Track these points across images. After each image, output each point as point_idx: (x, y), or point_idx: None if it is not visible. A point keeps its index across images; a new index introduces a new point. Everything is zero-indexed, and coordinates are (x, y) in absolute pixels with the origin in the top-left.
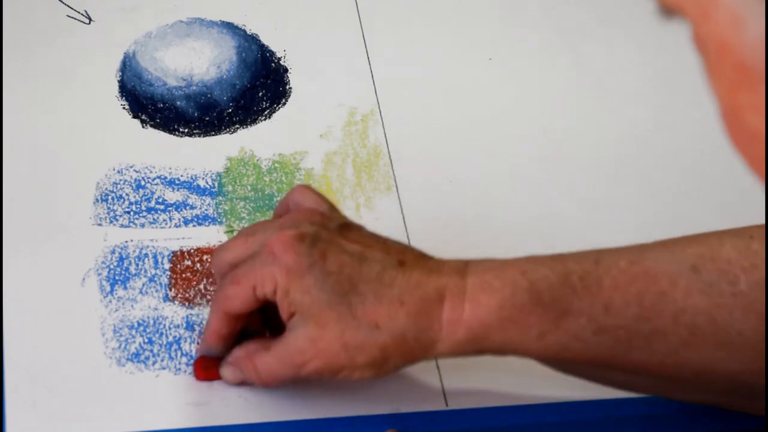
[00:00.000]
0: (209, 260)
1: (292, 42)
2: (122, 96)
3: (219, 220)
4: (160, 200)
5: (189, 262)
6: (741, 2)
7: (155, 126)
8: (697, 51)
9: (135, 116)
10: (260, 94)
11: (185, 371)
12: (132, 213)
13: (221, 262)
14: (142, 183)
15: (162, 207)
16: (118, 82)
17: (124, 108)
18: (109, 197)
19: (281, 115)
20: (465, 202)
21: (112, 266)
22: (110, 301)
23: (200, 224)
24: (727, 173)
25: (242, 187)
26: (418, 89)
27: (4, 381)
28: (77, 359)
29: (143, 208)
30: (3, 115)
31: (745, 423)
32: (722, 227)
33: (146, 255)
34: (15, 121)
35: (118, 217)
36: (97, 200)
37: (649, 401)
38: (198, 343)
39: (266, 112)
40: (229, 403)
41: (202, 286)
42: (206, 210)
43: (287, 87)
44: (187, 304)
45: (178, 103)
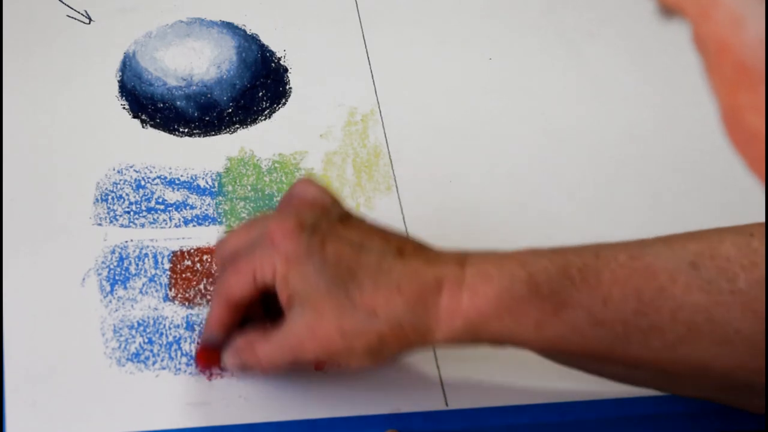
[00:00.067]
0: (209, 260)
1: (292, 42)
2: (122, 96)
3: (219, 220)
4: (160, 200)
5: (189, 262)
6: (741, 2)
7: (155, 126)
8: (697, 51)
9: (135, 116)
10: (260, 94)
11: (185, 371)
12: (132, 213)
13: (223, 251)
14: (142, 183)
15: (162, 207)
16: (118, 82)
17: (124, 108)
18: (109, 197)
19: (281, 115)
20: (465, 202)
21: (112, 266)
22: (110, 301)
23: (200, 224)
24: (726, 173)
25: (242, 187)
26: (418, 89)
27: (4, 381)
28: (77, 359)
29: (143, 208)
30: (3, 115)
31: (745, 423)
32: (721, 226)
33: (146, 255)
34: (15, 121)
35: (118, 217)
36: (97, 200)
37: (649, 401)
38: (198, 342)
39: (266, 112)
40: (229, 403)
41: (202, 286)
42: (206, 210)
43: (287, 87)
44: (187, 304)
45: (178, 103)
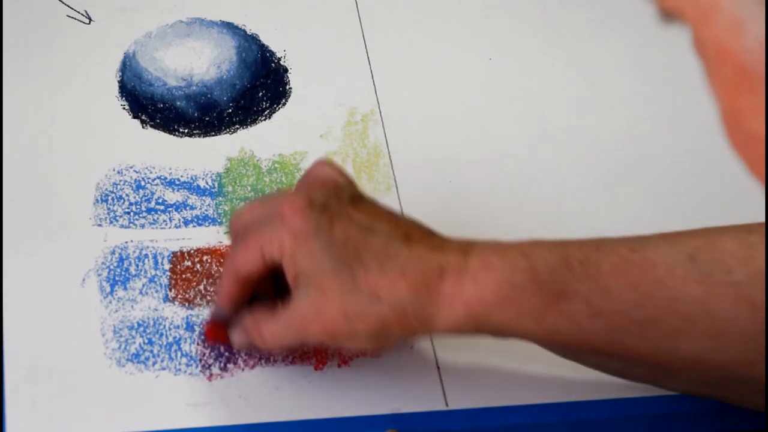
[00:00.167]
0: (209, 261)
1: (292, 42)
2: (122, 96)
3: (219, 220)
4: (160, 201)
5: (189, 263)
6: (741, 5)
7: (155, 126)
8: (698, 55)
9: (135, 116)
10: (260, 94)
11: (185, 372)
12: (132, 213)
13: (236, 225)
14: (142, 183)
15: (162, 207)
16: (118, 82)
17: (124, 108)
18: (109, 198)
19: (281, 115)
20: (465, 202)
21: (112, 267)
22: (110, 302)
23: (200, 225)
24: (725, 173)
25: (242, 188)
26: (418, 89)
27: (4, 381)
28: (77, 359)
29: (143, 208)
30: (3, 115)
31: (745, 423)
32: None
33: (146, 255)
34: (15, 121)
35: (118, 217)
36: (97, 201)
37: (649, 401)
38: (198, 342)
39: (266, 112)
40: (229, 403)
41: (202, 287)
42: (206, 210)
43: (287, 87)
44: (187, 304)
45: (178, 103)
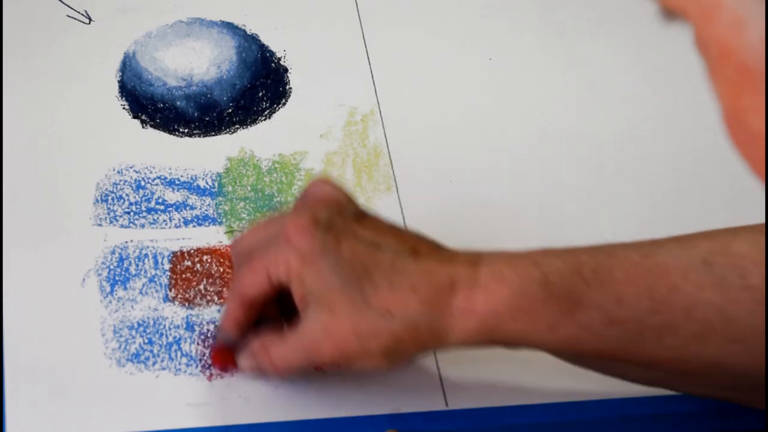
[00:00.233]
0: (209, 261)
1: (292, 42)
2: (122, 96)
3: (219, 220)
4: (160, 201)
5: (189, 263)
6: (743, 4)
7: (155, 126)
8: (700, 53)
9: (135, 116)
10: (260, 94)
11: (185, 371)
12: (132, 213)
13: (239, 249)
14: (142, 183)
15: (162, 207)
16: (118, 82)
17: (124, 108)
18: (109, 198)
19: (281, 115)
20: (465, 202)
21: (112, 267)
22: (110, 302)
23: (200, 225)
24: (726, 173)
25: (242, 188)
26: (418, 89)
27: (4, 381)
28: (77, 359)
29: (143, 208)
30: (3, 115)
31: (745, 423)
32: (721, 226)
33: (146, 255)
34: (15, 121)
35: (118, 217)
36: (97, 200)
37: (649, 401)
38: (198, 342)
39: (266, 112)
40: (229, 403)
41: (202, 287)
42: (206, 210)
43: (287, 87)
44: (187, 304)
45: (178, 103)
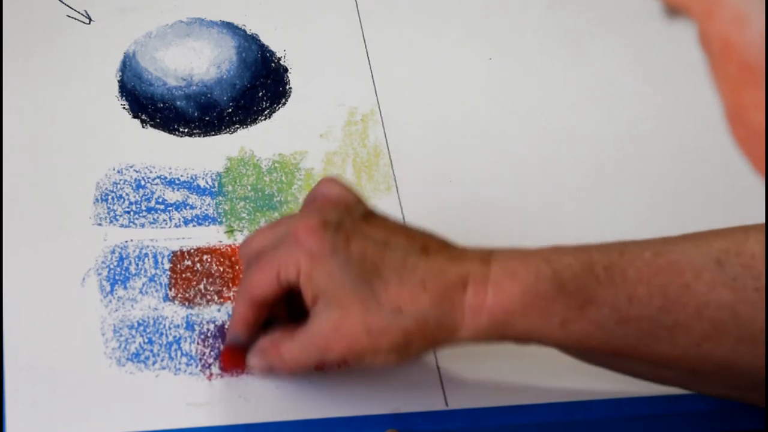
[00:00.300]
0: (209, 260)
1: (292, 42)
2: (122, 96)
3: (219, 220)
4: (160, 200)
5: (189, 262)
6: (745, 1)
7: (155, 126)
8: (702, 50)
9: (135, 116)
10: (260, 94)
11: (185, 371)
12: (132, 213)
13: (248, 250)
14: (142, 183)
15: (162, 207)
16: (118, 82)
17: (124, 108)
18: (109, 197)
19: (281, 115)
20: (465, 202)
21: (112, 266)
22: (110, 301)
23: (200, 224)
24: (726, 173)
25: (242, 187)
26: (418, 89)
27: (4, 381)
28: (77, 359)
29: (143, 208)
30: (3, 115)
31: (745, 423)
32: (722, 226)
33: (146, 255)
34: (15, 121)
35: (118, 217)
36: (97, 200)
37: (649, 401)
38: (198, 342)
39: (266, 112)
40: (229, 403)
41: (202, 286)
42: (206, 210)
43: (287, 87)
44: (187, 304)
45: (178, 103)
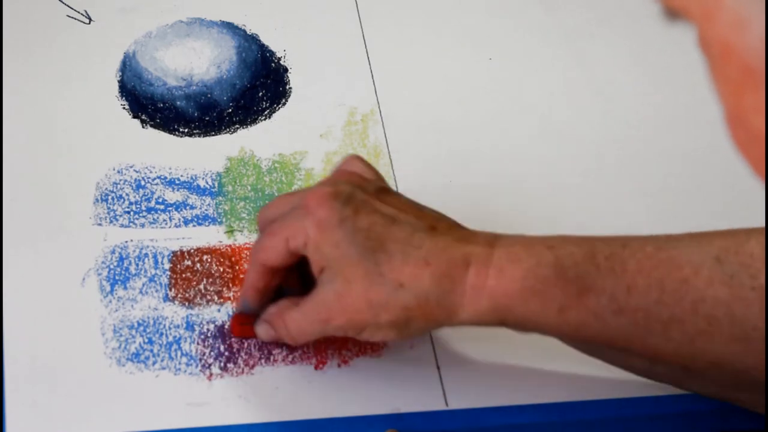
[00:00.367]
0: (209, 260)
1: (292, 42)
2: (122, 96)
3: (219, 220)
4: (160, 200)
5: (189, 262)
6: (745, 3)
7: (155, 126)
8: (702, 53)
9: (135, 116)
10: (260, 94)
11: (185, 371)
12: (132, 213)
13: (263, 218)
14: (142, 183)
15: (162, 207)
16: (118, 82)
17: (124, 108)
18: (109, 197)
19: (281, 115)
20: (465, 202)
21: (112, 266)
22: (110, 301)
23: (200, 224)
24: (726, 173)
25: (242, 187)
26: (418, 89)
27: (4, 381)
28: (77, 359)
29: (143, 208)
30: (3, 115)
31: (745, 423)
32: (721, 226)
33: (146, 255)
34: (15, 121)
35: (118, 217)
36: (97, 200)
37: (649, 401)
38: (198, 342)
39: (266, 112)
40: (229, 403)
41: (202, 286)
42: (206, 210)
43: (287, 87)
44: (187, 304)
45: (178, 103)
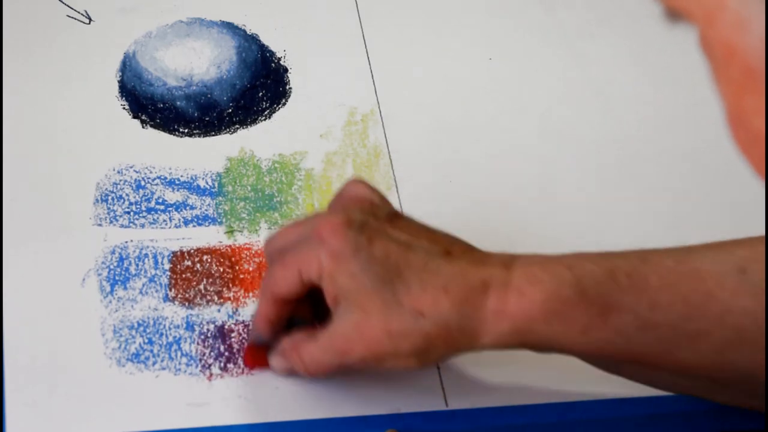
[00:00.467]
0: (209, 260)
1: (292, 42)
2: (122, 96)
3: (219, 220)
4: (160, 200)
5: (189, 263)
6: (746, 4)
7: (155, 126)
8: (704, 54)
9: (135, 116)
10: (260, 94)
11: (185, 371)
12: (132, 213)
13: (271, 248)
14: (142, 183)
15: (162, 207)
16: (118, 82)
17: (124, 108)
18: (109, 197)
19: (281, 115)
20: (465, 202)
21: (112, 266)
22: (110, 302)
23: (200, 224)
24: (727, 173)
25: (242, 188)
26: (418, 89)
27: (4, 381)
28: (77, 359)
29: (143, 208)
30: (3, 115)
31: (745, 423)
32: (721, 227)
33: (146, 255)
34: (15, 121)
35: (118, 217)
36: (97, 200)
37: (649, 401)
38: (198, 342)
39: (266, 112)
40: (229, 403)
41: (202, 287)
42: (206, 210)
43: (287, 87)
44: (187, 304)
45: (178, 103)
